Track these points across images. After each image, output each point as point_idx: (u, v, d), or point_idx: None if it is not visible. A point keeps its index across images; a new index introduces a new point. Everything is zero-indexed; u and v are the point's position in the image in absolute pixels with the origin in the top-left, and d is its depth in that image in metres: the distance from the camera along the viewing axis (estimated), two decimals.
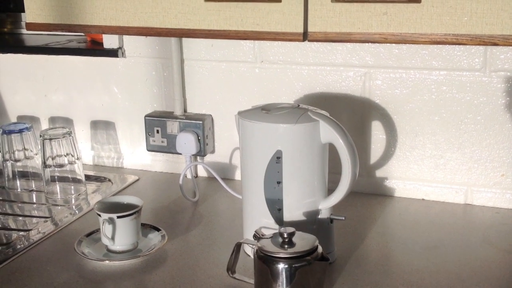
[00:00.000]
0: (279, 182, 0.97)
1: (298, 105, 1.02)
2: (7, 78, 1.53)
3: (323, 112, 1.00)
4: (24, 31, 1.67)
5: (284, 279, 0.86)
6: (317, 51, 1.26)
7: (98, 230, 1.10)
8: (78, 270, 1.03)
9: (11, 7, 1.75)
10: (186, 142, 1.36)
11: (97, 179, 1.43)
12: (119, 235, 1.05)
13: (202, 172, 1.44)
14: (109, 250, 1.07)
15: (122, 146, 1.49)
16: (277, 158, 0.96)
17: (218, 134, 1.40)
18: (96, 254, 1.06)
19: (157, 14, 1.00)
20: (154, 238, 1.11)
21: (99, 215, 1.05)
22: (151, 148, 1.43)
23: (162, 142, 1.40)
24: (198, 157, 1.41)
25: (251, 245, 1.01)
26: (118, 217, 1.04)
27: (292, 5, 0.91)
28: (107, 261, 1.04)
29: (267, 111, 0.99)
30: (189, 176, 1.38)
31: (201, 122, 1.36)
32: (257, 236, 0.93)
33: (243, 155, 1.02)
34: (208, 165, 1.36)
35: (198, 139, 1.36)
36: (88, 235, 1.11)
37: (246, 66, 1.32)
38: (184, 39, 1.35)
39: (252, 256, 1.03)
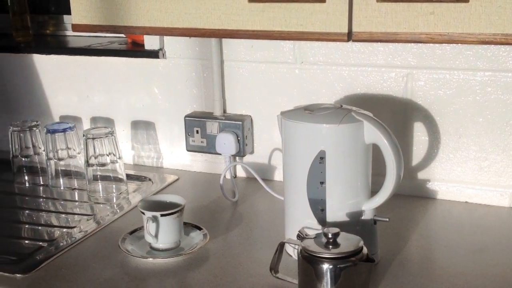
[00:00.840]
0: (322, 183, 0.97)
1: (341, 106, 1.02)
2: (50, 79, 1.57)
3: (367, 112, 0.99)
4: (66, 33, 1.71)
5: (329, 279, 0.86)
6: (358, 52, 1.25)
7: (141, 228, 1.12)
8: (122, 267, 1.04)
9: (52, 9, 1.79)
10: (226, 142, 1.37)
11: (137, 178, 1.45)
12: (162, 233, 1.06)
13: (240, 173, 1.45)
14: (152, 248, 1.09)
15: (162, 146, 1.51)
16: (321, 158, 0.96)
17: (257, 134, 1.40)
18: (139, 251, 1.07)
19: (201, 15, 1.01)
20: (196, 237, 1.12)
21: (143, 213, 1.06)
22: (190, 148, 1.44)
23: (201, 142, 1.42)
24: (237, 158, 1.42)
25: (292, 245, 1.02)
26: (162, 215, 1.05)
27: (336, 5, 0.91)
28: (150, 259, 1.05)
29: (310, 111, 0.99)
30: (228, 176, 1.39)
31: (240, 122, 1.36)
32: (301, 236, 0.93)
33: (285, 156, 1.02)
34: (247, 166, 1.37)
35: (238, 140, 1.37)
36: (132, 232, 1.13)
37: (286, 67, 1.32)
38: (224, 41, 1.35)
39: (293, 256, 1.04)
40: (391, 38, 0.90)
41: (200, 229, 1.14)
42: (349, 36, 0.92)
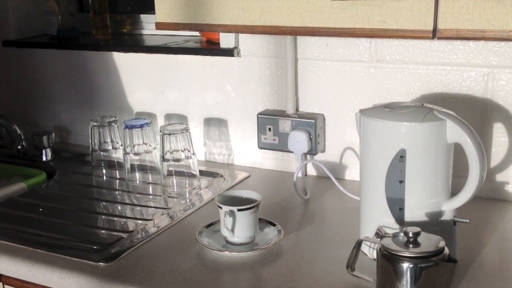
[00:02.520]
0: (401, 181, 0.96)
1: (422, 104, 1.00)
2: (127, 76, 1.62)
3: (449, 111, 0.97)
4: (141, 31, 1.76)
5: (409, 278, 0.85)
6: (437, 51, 1.23)
7: (217, 222, 1.14)
8: (199, 259, 1.07)
9: (129, 9, 1.85)
10: (298, 140, 1.37)
11: (209, 174, 1.48)
12: (239, 227, 1.08)
13: (311, 171, 1.45)
14: (227, 242, 1.11)
15: (233, 143, 1.53)
16: (401, 157, 0.95)
17: (329, 133, 1.40)
18: (216, 244, 1.10)
19: (283, 13, 1.02)
20: (271, 232, 1.13)
21: (220, 208, 1.08)
22: (262, 146, 1.45)
23: (273, 140, 1.43)
24: (308, 156, 1.42)
25: (368, 244, 1.01)
26: (239, 210, 1.07)
27: (422, 2, 0.90)
28: (226, 252, 1.07)
29: (390, 109, 0.99)
30: (299, 174, 1.40)
31: (313, 121, 1.37)
32: (380, 235, 0.92)
33: (363, 153, 1.02)
34: (321, 164, 1.37)
35: (310, 138, 1.37)
36: (208, 226, 1.15)
37: (361, 65, 1.32)
38: (299, 39, 1.36)
39: (368, 255, 1.03)
40: (479, 36, 0.88)
41: (274, 225, 1.15)
42: (434, 34, 0.91)
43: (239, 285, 0.99)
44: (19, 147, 1.65)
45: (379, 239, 0.91)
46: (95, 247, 1.13)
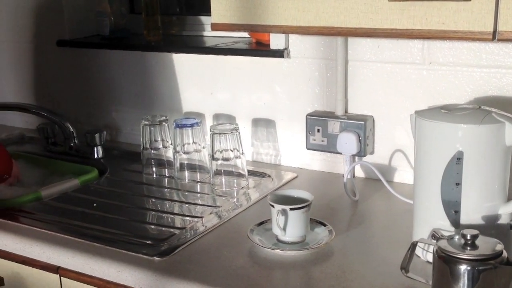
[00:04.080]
0: (457, 184, 0.96)
1: (480, 106, 1.00)
2: (177, 76, 1.65)
3: (508, 114, 0.96)
4: (190, 33, 1.79)
5: (466, 281, 0.85)
6: (492, 53, 1.22)
7: (268, 221, 1.16)
8: (251, 256, 1.08)
9: (177, 10, 1.88)
10: (347, 142, 1.38)
11: (257, 174, 1.50)
12: (290, 226, 1.09)
13: (358, 173, 1.45)
14: (278, 240, 1.12)
15: (281, 144, 1.55)
16: (458, 159, 0.95)
17: (378, 135, 1.40)
18: (267, 243, 1.11)
19: (339, 14, 1.03)
20: (321, 232, 1.13)
21: (273, 206, 1.10)
22: (310, 147, 1.46)
23: (322, 141, 1.43)
24: (356, 158, 1.43)
25: (422, 246, 1.01)
26: (291, 209, 1.08)
27: (482, 3, 0.90)
28: (278, 250, 1.08)
29: (447, 111, 0.98)
30: (348, 175, 1.40)
31: (363, 122, 1.37)
32: (436, 237, 0.92)
33: (418, 155, 1.02)
34: (367, 166, 1.37)
35: (359, 140, 1.37)
36: (259, 224, 1.16)
37: (413, 67, 1.31)
38: (349, 40, 1.37)
39: (422, 257, 1.03)
40: None
41: (324, 225, 1.15)
42: (494, 35, 0.91)
43: (292, 283, 1.00)
44: (71, 144, 1.69)
45: (435, 241, 0.91)
46: (148, 242, 1.16)
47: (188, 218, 1.28)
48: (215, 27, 1.17)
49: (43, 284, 1.18)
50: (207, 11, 1.75)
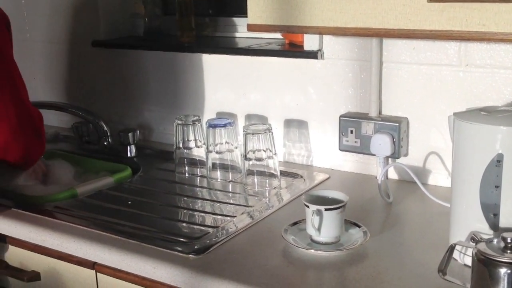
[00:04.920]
0: (497, 187, 0.95)
1: None
2: (210, 77, 1.66)
3: None
4: (222, 34, 1.81)
5: (506, 285, 0.84)
6: None
7: (301, 221, 1.16)
8: (285, 256, 1.08)
9: (210, 12, 1.90)
10: (381, 143, 1.37)
11: (289, 175, 1.50)
12: (325, 227, 1.09)
13: (391, 175, 1.45)
14: (312, 240, 1.12)
15: (313, 145, 1.55)
16: (497, 161, 0.94)
17: (412, 137, 1.39)
18: (301, 242, 1.11)
19: (377, 15, 1.03)
20: (356, 234, 1.13)
21: (307, 206, 1.10)
22: (343, 148, 1.46)
23: (355, 142, 1.43)
24: (389, 159, 1.42)
25: (458, 249, 1.00)
26: (326, 209, 1.08)
27: None
28: (312, 251, 1.08)
29: (487, 113, 0.97)
30: (379, 177, 1.39)
31: (397, 124, 1.36)
32: (475, 239, 0.91)
33: (456, 157, 1.01)
34: (401, 168, 1.36)
35: (393, 141, 1.37)
36: (293, 224, 1.17)
37: (449, 69, 1.30)
38: (384, 42, 1.36)
39: (459, 260, 1.02)
40: None
41: (359, 226, 1.15)
42: None
43: (328, 283, 1.00)
44: (105, 143, 1.72)
45: (474, 244, 0.90)
46: (183, 240, 1.17)
47: (220, 217, 1.29)
48: (251, 28, 1.17)
49: (79, 279, 1.20)
50: (240, 13, 1.77)
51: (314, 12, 1.09)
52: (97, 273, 1.17)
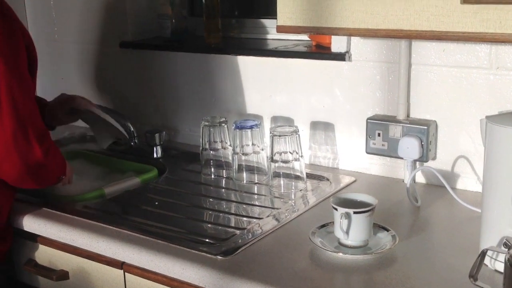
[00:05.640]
0: None
1: None
2: (236, 78, 1.67)
3: None
4: (248, 35, 1.81)
5: None
6: None
7: (329, 223, 1.15)
8: (313, 258, 1.08)
9: (236, 13, 1.90)
10: (409, 146, 1.36)
11: (315, 177, 1.49)
12: (354, 230, 1.08)
13: (419, 178, 1.43)
14: (340, 244, 1.11)
15: (339, 147, 1.54)
16: None
17: (441, 140, 1.38)
18: (329, 245, 1.10)
19: (408, 17, 1.02)
20: (384, 237, 1.12)
21: (336, 209, 1.09)
22: (370, 151, 1.45)
23: (382, 145, 1.42)
24: (417, 163, 1.40)
25: (489, 254, 0.99)
26: (355, 212, 1.07)
27: None
28: (340, 254, 1.08)
29: None
30: (406, 181, 1.38)
31: (426, 127, 1.35)
32: (508, 245, 0.89)
33: (489, 161, 1.00)
34: (428, 172, 1.34)
35: (422, 145, 1.35)
36: (320, 227, 1.16)
37: (479, 72, 1.28)
38: (413, 44, 1.35)
39: (489, 266, 1.00)
40: None
41: (387, 230, 1.14)
42: None
43: (356, 287, 0.99)
44: (132, 143, 1.73)
45: (507, 250, 0.88)
46: (210, 241, 1.17)
47: (247, 219, 1.29)
48: (281, 29, 1.17)
49: (107, 279, 1.21)
50: (266, 14, 1.77)
51: (344, 13, 1.08)
52: (125, 273, 1.18)
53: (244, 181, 1.50)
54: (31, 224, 1.29)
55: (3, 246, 1.29)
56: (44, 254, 1.31)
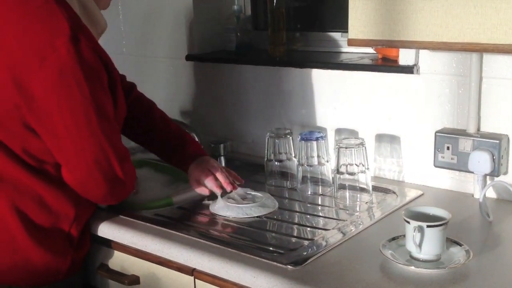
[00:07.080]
0: None
1: None
2: (301, 91, 1.68)
3: None
4: (312, 48, 1.82)
5: None
6: None
7: (399, 236, 1.15)
8: (384, 271, 1.08)
9: (299, 27, 1.92)
10: (480, 160, 1.34)
11: (381, 190, 1.49)
12: (426, 244, 1.07)
13: (489, 193, 1.40)
14: (411, 257, 1.10)
15: (405, 160, 1.53)
16: None
17: None
18: (400, 258, 1.10)
19: (485, 31, 1.01)
20: (458, 252, 1.11)
21: (408, 222, 1.09)
22: (438, 164, 1.43)
23: (451, 159, 1.40)
24: (488, 177, 1.38)
25: None
26: (428, 226, 1.07)
27: None
28: (412, 267, 1.07)
29: None
30: (476, 195, 1.36)
31: (498, 141, 1.32)
32: None
33: None
34: (500, 187, 1.32)
35: (493, 159, 1.33)
36: (391, 240, 1.16)
37: None
38: (485, 57, 1.33)
39: None
40: None
41: (460, 245, 1.12)
42: None
43: None
44: None
45: None
46: (280, 252, 1.18)
47: (312, 230, 1.30)
48: (352, 42, 1.18)
49: (178, 285, 1.24)
50: (330, 27, 1.79)
51: (418, 27, 1.08)
52: (196, 280, 1.20)
53: (309, 192, 1.51)
54: (106, 230, 1.34)
55: (80, 253, 1.33)
56: (117, 259, 1.36)
